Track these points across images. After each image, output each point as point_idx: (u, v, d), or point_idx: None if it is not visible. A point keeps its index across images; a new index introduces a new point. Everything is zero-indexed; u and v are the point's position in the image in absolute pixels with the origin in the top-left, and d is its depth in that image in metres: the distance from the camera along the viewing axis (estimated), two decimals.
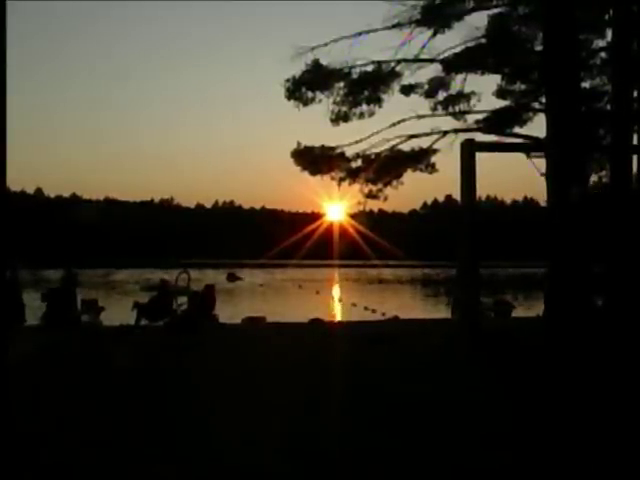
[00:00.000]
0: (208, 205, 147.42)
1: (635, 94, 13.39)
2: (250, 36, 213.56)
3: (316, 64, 15.51)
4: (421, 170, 16.61)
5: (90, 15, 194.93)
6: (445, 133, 15.88)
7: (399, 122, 15.99)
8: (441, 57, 15.63)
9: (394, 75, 15.95)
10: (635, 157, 12.71)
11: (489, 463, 4.92)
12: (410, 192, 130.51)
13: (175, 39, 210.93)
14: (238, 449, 5.28)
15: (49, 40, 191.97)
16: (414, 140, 16.12)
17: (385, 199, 17.06)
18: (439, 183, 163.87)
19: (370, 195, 16.88)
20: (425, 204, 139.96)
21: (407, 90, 16.44)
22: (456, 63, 15.75)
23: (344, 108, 16.14)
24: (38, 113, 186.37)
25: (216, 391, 7.60)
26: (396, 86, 16.18)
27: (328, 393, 7.53)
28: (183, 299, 14.72)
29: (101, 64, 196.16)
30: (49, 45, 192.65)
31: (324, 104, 16.07)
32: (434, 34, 15.27)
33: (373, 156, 16.31)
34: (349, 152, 16.42)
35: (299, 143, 16.48)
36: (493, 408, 6.73)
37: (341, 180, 16.67)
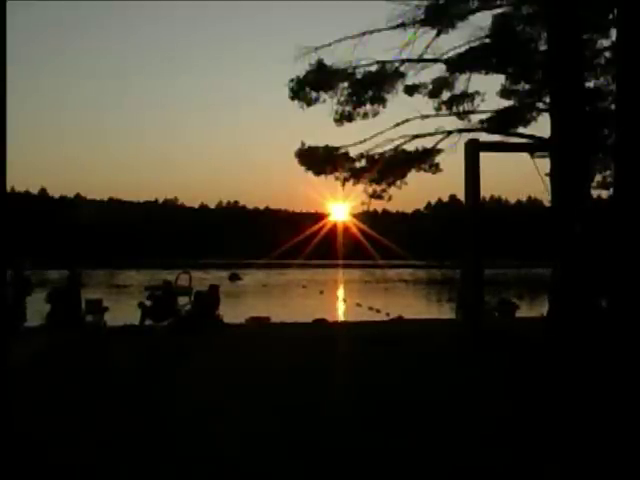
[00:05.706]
0: (212, 205, 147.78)
1: None
2: (254, 36, 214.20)
3: (320, 64, 15.47)
4: (425, 170, 16.55)
5: (93, 15, 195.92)
6: (449, 133, 15.85)
7: (403, 122, 15.94)
8: (445, 57, 15.58)
9: (398, 75, 15.90)
10: None
11: (490, 463, 4.91)
12: (414, 192, 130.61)
13: (180, 39, 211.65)
14: (238, 449, 5.27)
15: (54, 40, 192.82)
16: (418, 140, 16.08)
17: (389, 199, 17.01)
18: (443, 183, 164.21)
19: (374, 195, 16.84)
20: (429, 204, 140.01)
21: (411, 90, 16.38)
22: (460, 63, 15.69)
23: (348, 108, 16.10)
24: (42, 114, 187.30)
25: (218, 391, 7.60)
26: (400, 86, 16.13)
27: (330, 393, 7.53)
28: (184, 299, 14.74)
29: (105, 64, 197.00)
30: (54, 45, 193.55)
31: (328, 104, 16.04)
32: (438, 34, 15.23)
33: (377, 156, 16.27)
34: (353, 152, 16.39)
35: (303, 143, 16.47)
36: (496, 408, 6.71)
37: (345, 180, 16.63)
